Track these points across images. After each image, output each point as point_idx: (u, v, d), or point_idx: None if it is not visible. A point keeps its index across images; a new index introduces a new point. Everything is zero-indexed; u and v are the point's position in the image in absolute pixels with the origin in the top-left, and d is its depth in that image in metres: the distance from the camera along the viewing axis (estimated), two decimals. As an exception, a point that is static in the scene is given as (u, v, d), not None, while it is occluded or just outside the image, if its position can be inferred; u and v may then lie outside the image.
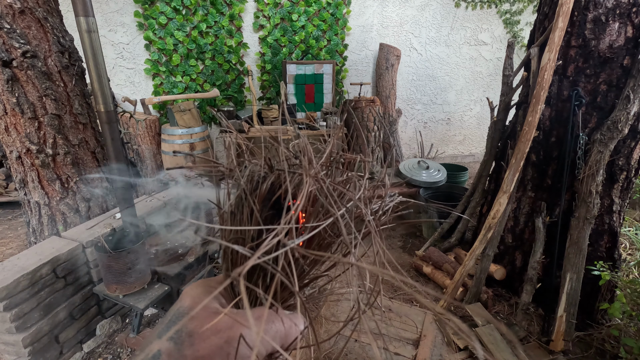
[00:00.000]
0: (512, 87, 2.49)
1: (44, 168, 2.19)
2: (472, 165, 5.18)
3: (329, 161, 0.45)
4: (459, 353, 1.92)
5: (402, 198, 0.46)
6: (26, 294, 1.68)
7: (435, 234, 2.94)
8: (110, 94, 1.74)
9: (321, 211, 0.37)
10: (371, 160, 0.49)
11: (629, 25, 1.88)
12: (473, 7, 4.81)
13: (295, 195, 0.37)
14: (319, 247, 0.41)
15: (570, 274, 1.98)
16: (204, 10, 3.94)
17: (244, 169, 0.41)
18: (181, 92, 4.16)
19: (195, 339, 0.29)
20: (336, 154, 0.45)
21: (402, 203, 0.46)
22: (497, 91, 4.60)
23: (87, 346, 1.99)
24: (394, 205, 0.45)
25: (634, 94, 1.84)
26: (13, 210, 3.64)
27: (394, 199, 0.46)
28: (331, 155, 0.45)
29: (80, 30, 1.58)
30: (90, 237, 1.97)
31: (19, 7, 1.94)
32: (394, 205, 0.45)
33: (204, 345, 0.29)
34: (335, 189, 0.40)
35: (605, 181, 2.01)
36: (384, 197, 0.44)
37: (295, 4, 4.18)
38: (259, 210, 0.38)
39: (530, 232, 2.32)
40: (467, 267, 2.26)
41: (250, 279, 0.37)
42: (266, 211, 0.39)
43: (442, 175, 3.38)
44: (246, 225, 0.38)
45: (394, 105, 4.74)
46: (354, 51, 4.62)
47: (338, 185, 0.41)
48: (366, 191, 0.42)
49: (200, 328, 0.30)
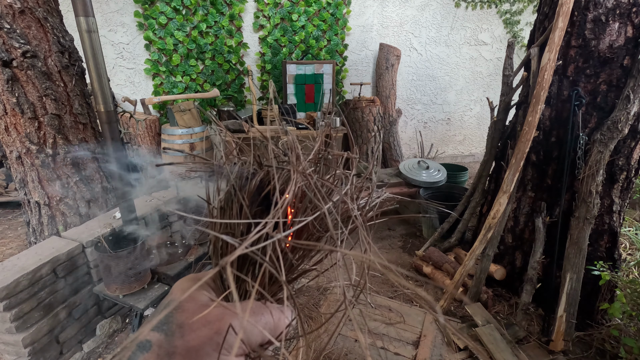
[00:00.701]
0: (512, 87, 2.49)
1: (44, 168, 2.19)
2: (472, 165, 5.18)
3: (317, 158, 0.46)
4: (459, 353, 1.92)
5: (390, 194, 0.47)
6: (26, 294, 1.68)
7: (435, 234, 2.94)
8: (110, 94, 1.75)
9: (309, 206, 0.38)
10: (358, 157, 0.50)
11: (629, 25, 1.88)
12: (473, 7, 4.81)
13: (284, 191, 0.37)
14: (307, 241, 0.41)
15: (570, 274, 1.98)
16: (204, 10, 3.94)
17: (234, 165, 0.42)
18: (181, 92, 4.16)
19: (185, 330, 0.29)
20: (324, 150, 0.46)
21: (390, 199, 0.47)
22: (497, 91, 4.60)
23: (87, 346, 1.99)
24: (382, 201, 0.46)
25: (634, 94, 1.84)
26: (13, 210, 3.64)
27: (382, 194, 0.46)
28: (319, 152, 0.46)
29: (80, 30, 1.58)
30: (90, 237, 1.97)
31: (19, 7, 1.94)
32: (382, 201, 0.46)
33: (194, 336, 0.29)
34: (323, 184, 0.40)
35: (605, 181, 2.01)
36: (371, 193, 0.45)
37: (295, 4, 4.18)
38: (248, 205, 0.38)
39: (530, 232, 2.32)
40: (467, 267, 2.26)
41: (239, 271, 0.38)
42: (255, 207, 0.39)
43: (442, 175, 3.38)
44: (236, 219, 0.38)
45: (394, 105, 4.74)
46: (354, 51, 4.63)
47: (325, 181, 0.41)
48: (353, 187, 0.43)
49: (190, 319, 0.30)
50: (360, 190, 0.44)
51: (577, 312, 1.96)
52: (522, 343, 1.99)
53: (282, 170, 0.40)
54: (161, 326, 0.30)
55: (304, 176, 0.38)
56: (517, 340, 1.98)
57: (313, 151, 0.45)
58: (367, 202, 0.44)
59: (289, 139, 0.43)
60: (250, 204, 0.39)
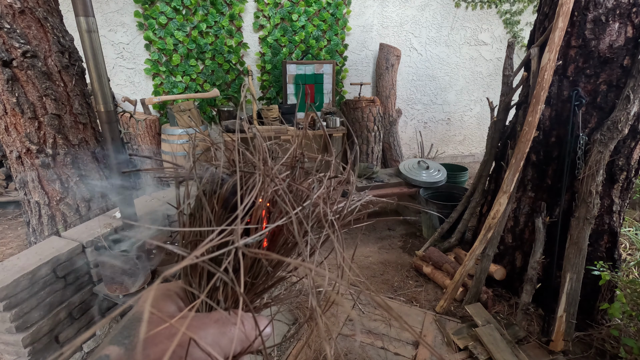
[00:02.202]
0: (512, 87, 2.49)
1: (44, 168, 2.19)
2: (472, 165, 5.18)
3: (293, 161, 0.44)
4: (459, 353, 1.92)
5: (371, 197, 0.44)
6: (26, 293, 1.68)
7: (435, 234, 2.94)
8: (110, 94, 1.74)
9: (283, 211, 0.36)
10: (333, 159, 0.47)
11: (629, 25, 1.88)
12: (473, 7, 4.81)
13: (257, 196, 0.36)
14: (285, 247, 0.40)
15: (570, 274, 1.98)
16: (204, 10, 3.94)
17: (205, 170, 0.40)
18: (181, 92, 4.16)
19: (147, 344, 0.28)
20: (299, 153, 0.44)
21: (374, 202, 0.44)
22: (497, 91, 4.60)
23: (87, 346, 1.99)
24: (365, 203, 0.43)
25: (634, 94, 1.84)
26: (13, 210, 3.64)
27: (363, 197, 0.44)
28: (294, 155, 0.44)
29: (80, 30, 1.58)
30: (90, 237, 1.97)
31: (19, 7, 1.94)
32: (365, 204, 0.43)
33: (155, 350, 0.28)
34: (298, 189, 0.39)
35: (605, 181, 2.01)
36: (349, 196, 0.42)
37: (295, 4, 4.18)
38: (217, 211, 0.37)
39: (530, 232, 2.32)
40: (467, 267, 2.26)
41: (208, 281, 0.36)
42: (226, 213, 0.38)
43: (442, 175, 3.38)
44: (205, 227, 0.37)
45: (394, 105, 4.74)
46: (354, 51, 4.63)
47: (298, 185, 0.40)
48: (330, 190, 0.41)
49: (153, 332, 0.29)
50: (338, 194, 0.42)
51: (577, 312, 1.96)
52: (522, 343, 1.99)
53: (251, 175, 0.38)
54: (122, 340, 0.29)
55: (272, 181, 0.36)
56: (517, 340, 1.98)
57: (287, 154, 0.43)
58: (345, 206, 0.41)
59: (257, 142, 0.41)
60: (222, 210, 0.38)
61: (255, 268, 0.38)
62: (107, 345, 0.29)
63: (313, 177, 0.42)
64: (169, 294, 0.35)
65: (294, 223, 0.34)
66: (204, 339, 0.30)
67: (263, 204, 0.36)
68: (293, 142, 0.45)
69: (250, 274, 0.38)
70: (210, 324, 0.32)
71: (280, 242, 0.39)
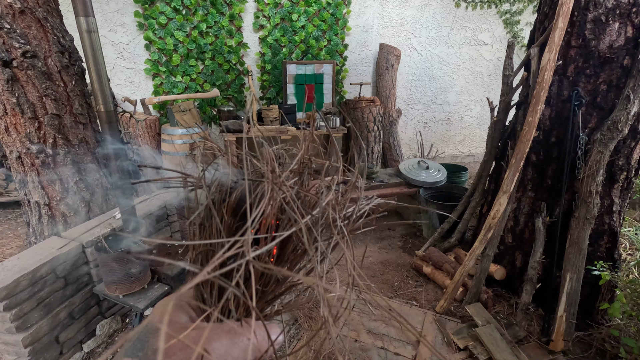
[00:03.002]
0: (512, 87, 2.49)
1: (44, 168, 2.18)
2: (472, 165, 5.18)
3: (300, 167, 0.43)
4: (459, 353, 1.92)
5: (380, 200, 0.44)
6: (26, 294, 1.68)
7: (435, 234, 2.94)
8: (110, 94, 1.74)
9: (292, 219, 0.36)
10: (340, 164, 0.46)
11: (629, 25, 1.88)
12: (473, 7, 4.81)
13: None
14: (294, 254, 0.39)
15: (570, 274, 1.98)
16: (204, 10, 3.93)
17: (213, 177, 0.39)
18: (181, 92, 4.16)
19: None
20: (307, 159, 0.43)
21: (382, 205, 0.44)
22: (497, 91, 4.60)
23: (87, 346, 1.98)
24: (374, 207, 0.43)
25: (634, 94, 1.84)
26: (13, 210, 3.64)
27: (371, 201, 0.43)
28: (302, 161, 0.43)
29: (80, 30, 1.58)
30: (90, 237, 1.97)
31: (19, 7, 1.94)
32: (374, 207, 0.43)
33: None
34: (306, 196, 0.38)
35: (605, 181, 2.01)
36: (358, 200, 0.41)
37: (295, 4, 4.18)
38: (228, 220, 0.37)
39: (530, 232, 2.32)
40: (467, 267, 2.26)
41: (219, 292, 0.36)
42: (236, 222, 0.37)
43: (442, 175, 3.38)
44: (215, 237, 0.36)
45: (394, 105, 4.74)
46: (354, 51, 4.63)
47: (306, 192, 0.39)
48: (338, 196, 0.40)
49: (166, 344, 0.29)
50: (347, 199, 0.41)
51: (577, 312, 1.96)
52: (522, 343, 1.99)
53: (258, 184, 0.37)
54: (136, 352, 0.29)
55: (279, 188, 0.36)
56: (517, 340, 1.98)
57: (295, 160, 0.42)
58: (353, 211, 0.40)
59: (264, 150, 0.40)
60: (231, 219, 0.37)
61: (266, 276, 0.37)
62: (122, 357, 0.29)
63: (321, 181, 0.41)
64: (180, 305, 0.35)
65: (303, 231, 0.34)
66: (216, 350, 0.30)
67: (272, 213, 0.36)
68: (300, 147, 0.44)
69: (261, 282, 0.37)
70: (222, 335, 0.32)
71: (290, 249, 0.39)
